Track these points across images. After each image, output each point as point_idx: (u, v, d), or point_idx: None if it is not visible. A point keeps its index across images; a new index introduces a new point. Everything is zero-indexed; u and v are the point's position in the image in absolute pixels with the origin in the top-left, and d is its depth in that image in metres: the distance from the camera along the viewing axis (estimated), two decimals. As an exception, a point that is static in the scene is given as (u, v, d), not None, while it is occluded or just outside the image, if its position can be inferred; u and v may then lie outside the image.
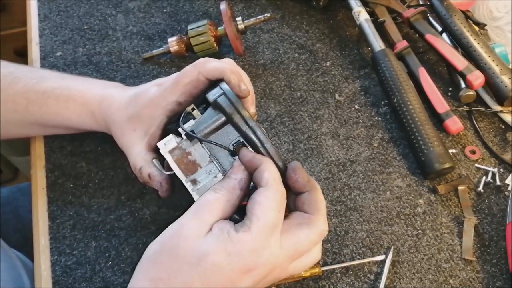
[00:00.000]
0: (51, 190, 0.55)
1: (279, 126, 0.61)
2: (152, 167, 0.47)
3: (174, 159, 0.42)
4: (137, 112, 0.48)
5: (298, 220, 0.38)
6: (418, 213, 0.54)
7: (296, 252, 0.37)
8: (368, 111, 0.63)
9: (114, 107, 0.50)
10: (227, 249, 0.34)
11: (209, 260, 0.34)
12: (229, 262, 0.34)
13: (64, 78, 0.53)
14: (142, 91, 0.50)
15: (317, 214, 0.38)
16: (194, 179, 0.42)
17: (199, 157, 0.42)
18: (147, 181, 0.48)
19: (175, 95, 0.47)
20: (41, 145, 0.58)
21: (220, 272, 0.34)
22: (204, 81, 0.46)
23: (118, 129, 0.50)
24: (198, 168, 0.42)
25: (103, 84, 0.54)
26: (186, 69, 0.47)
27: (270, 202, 0.36)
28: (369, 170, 0.57)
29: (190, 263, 0.34)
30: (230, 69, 0.44)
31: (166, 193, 0.48)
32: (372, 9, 0.69)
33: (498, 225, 0.54)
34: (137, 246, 0.51)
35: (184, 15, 0.72)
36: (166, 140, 0.43)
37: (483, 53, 0.62)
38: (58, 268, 0.49)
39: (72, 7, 0.72)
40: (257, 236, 0.34)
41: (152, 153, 0.48)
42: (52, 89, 0.51)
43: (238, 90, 0.44)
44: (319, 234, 0.38)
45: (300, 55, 0.68)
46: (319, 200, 0.39)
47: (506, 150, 0.60)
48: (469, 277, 0.50)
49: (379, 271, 0.50)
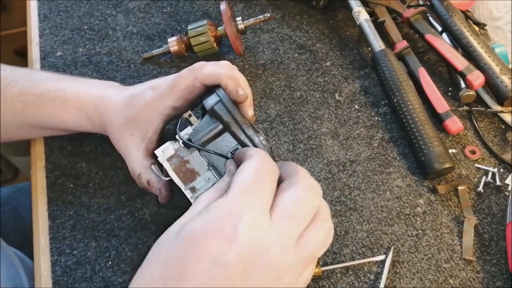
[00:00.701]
0: (51, 190, 0.55)
1: (279, 126, 0.61)
2: (150, 174, 0.47)
3: (172, 167, 0.42)
4: (134, 115, 0.48)
5: (279, 188, 0.34)
6: (418, 213, 0.54)
7: (291, 217, 0.32)
8: (368, 111, 0.63)
9: (111, 109, 0.50)
10: (203, 218, 0.31)
11: (186, 231, 0.32)
12: (205, 230, 0.31)
13: (60, 80, 0.53)
14: (138, 93, 0.49)
15: (297, 173, 0.35)
16: (193, 187, 0.42)
17: (197, 165, 0.42)
18: (146, 187, 0.48)
19: (171, 100, 0.46)
20: (41, 145, 0.58)
21: (195, 241, 0.31)
22: (200, 87, 0.45)
23: (115, 132, 0.50)
24: (196, 176, 0.42)
25: (100, 85, 0.53)
26: (182, 74, 0.46)
27: (251, 168, 0.33)
28: (369, 170, 0.57)
29: (175, 246, 0.32)
30: (227, 75, 0.43)
31: (165, 199, 0.48)
32: (372, 9, 0.69)
33: (498, 225, 0.54)
34: (137, 246, 0.51)
35: (184, 15, 0.72)
36: (163, 148, 0.42)
37: (483, 53, 0.62)
38: (58, 268, 0.49)
39: (72, 7, 0.72)
40: (233, 199, 0.32)
41: (150, 158, 0.48)
42: (48, 92, 0.51)
43: (235, 95, 0.43)
44: (307, 187, 0.34)
45: (300, 55, 0.68)
46: (293, 165, 0.36)
47: (506, 150, 0.60)
48: (469, 277, 0.50)
49: (379, 271, 0.50)
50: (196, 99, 0.47)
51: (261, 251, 0.31)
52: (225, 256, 0.30)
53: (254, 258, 0.31)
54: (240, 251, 0.30)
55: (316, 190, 0.34)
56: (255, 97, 0.63)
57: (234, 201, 0.32)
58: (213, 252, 0.30)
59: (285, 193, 0.33)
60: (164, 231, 0.34)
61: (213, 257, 0.30)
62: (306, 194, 0.33)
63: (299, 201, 0.33)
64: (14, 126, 0.53)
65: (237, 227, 0.30)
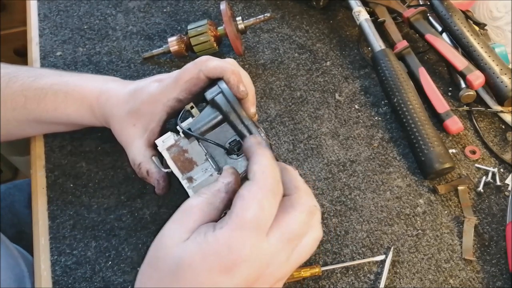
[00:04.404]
0: (51, 190, 0.55)
1: (279, 126, 0.61)
2: (151, 164, 0.48)
3: (171, 156, 0.42)
4: (137, 107, 0.48)
5: (280, 207, 0.34)
6: (418, 213, 0.54)
7: (289, 240, 0.33)
8: (368, 111, 0.63)
9: (113, 101, 0.50)
10: (202, 250, 0.31)
11: (185, 265, 0.32)
12: (205, 263, 0.31)
13: (62, 75, 0.53)
14: (142, 86, 0.50)
15: (298, 192, 0.35)
16: (190, 177, 0.42)
17: (195, 155, 0.42)
18: (145, 177, 0.49)
19: (175, 92, 0.47)
20: (41, 145, 0.58)
21: (197, 275, 0.31)
22: (204, 79, 0.46)
23: (117, 123, 0.50)
24: (194, 166, 0.42)
25: (102, 79, 0.54)
26: (187, 67, 0.47)
27: (253, 197, 0.32)
28: (369, 170, 0.57)
29: (170, 270, 0.32)
30: (231, 69, 0.44)
31: (162, 190, 0.48)
32: (372, 9, 0.69)
33: (498, 225, 0.54)
34: (137, 246, 0.51)
35: (184, 15, 0.72)
36: (164, 138, 0.43)
37: (483, 53, 0.62)
38: (58, 268, 0.49)
39: (72, 7, 0.72)
40: (233, 233, 0.31)
41: (151, 149, 0.48)
42: (50, 86, 0.51)
43: (236, 90, 0.44)
44: (308, 211, 0.34)
45: (300, 55, 0.68)
46: (294, 178, 0.36)
47: (506, 150, 0.60)
48: (469, 277, 0.50)
49: (379, 271, 0.50)
50: (200, 91, 0.47)
51: (260, 273, 0.32)
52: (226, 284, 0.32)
53: (253, 281, 0.32)
54: (239, 281, 0.32)
55: (316, 214, 0.35)
56: (255, 97, 0.63)
57: (234, 235, 0.32)
58: (214, 283, 0.31)
59: (286, 216, 0.33)
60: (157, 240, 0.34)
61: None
62: (308, 218, 0.34)
63: (300, 225, 0.34)
64: (15, 123, 0.53)
65: (237, 260, 0.31)
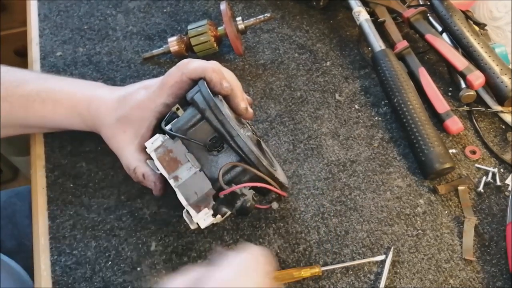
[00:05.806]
0: (51, 190, 0.55)
1: (279, 126, 0.61)
2: (146, 167, 0.48)
3: (157, 156, 0.44)
4: (126, 114, 0.49)
5: None
6: (418, 213, 0.54)
7: None
8: (368, 111, 0.63)
9: (103, 108, 0.51)
10: None
11: None
12: None
13: (46, 80, 0.53)
14: (130, 93, 0.51)
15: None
16: (176, 176, 0.43)
17: (179, 155, 0.44)
18: (141, 181, 0.49)
19: (162, 98, 0.48)
20: (41, 145, 0.58)
21: None
22: (188, 82, 0.47)
23: (108, 130, 0.51)
24: (179, 165, 0.43)
25: (89, 85, 0.54)
26: (171, 71, 0.48)
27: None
28: (369, 170, 0.57)
29: None
30: (211, 68, 0.46)
31: (159, 192, 0.49)
32: (372, 9, 0.69)
33: (498, 225, 0.54)
34: (137, 246, 0.51)
35: (184, 15, 0.72)
36: (153, 139, 0.45)
37: (483, 53, 0.62)
38: (58, 268, 0.49)
39: (72, 7, 0.72)
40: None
41: (144, 153, 0.49)
42: (37, 92, 0.51)
43: (220, 87, 0.45)
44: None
45: (300, 55, 0.68)
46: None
47: (506, 150, 0.60)
48: (469, 277, 0.50)
49: (379, 271, 0.50)
50: (185, 94, 0.48)
51: None
52: None
53: None
54: None
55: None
56: (255, 97, 0.63)
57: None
58: None
59: None
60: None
61: None
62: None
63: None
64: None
65: None
